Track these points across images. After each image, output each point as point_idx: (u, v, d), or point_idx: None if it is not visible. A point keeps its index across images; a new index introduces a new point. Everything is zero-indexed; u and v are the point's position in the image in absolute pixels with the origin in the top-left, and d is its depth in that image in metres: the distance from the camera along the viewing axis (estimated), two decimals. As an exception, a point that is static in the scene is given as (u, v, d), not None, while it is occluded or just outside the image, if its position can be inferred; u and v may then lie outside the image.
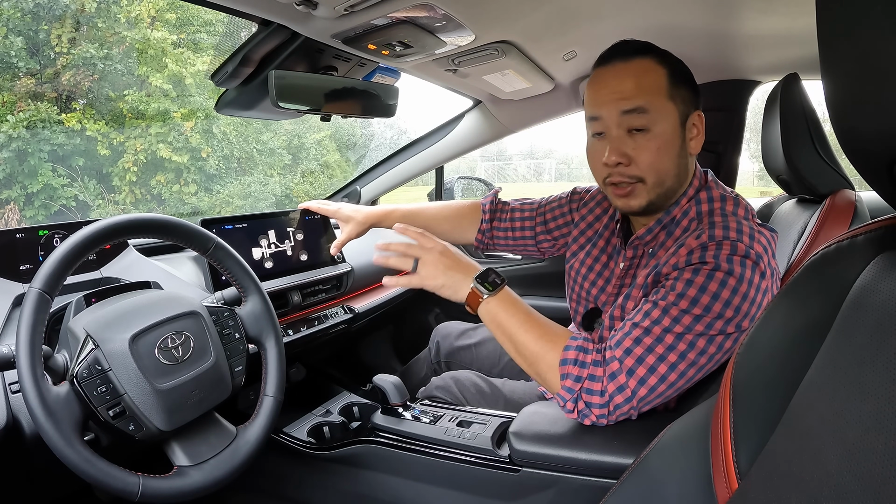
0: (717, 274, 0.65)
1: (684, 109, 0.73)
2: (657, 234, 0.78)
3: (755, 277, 0.65)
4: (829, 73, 0.29)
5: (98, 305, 0.71)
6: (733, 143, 1.38)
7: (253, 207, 8.71)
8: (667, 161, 0.72)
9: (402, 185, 1.81)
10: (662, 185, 0.73)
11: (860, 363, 0.29)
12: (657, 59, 0.72)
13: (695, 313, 0.65)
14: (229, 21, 0.93)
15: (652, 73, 0.71)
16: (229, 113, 1.11)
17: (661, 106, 0.70)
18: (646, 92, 0.70)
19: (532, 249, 1.08)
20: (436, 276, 0.77)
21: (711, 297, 0.64)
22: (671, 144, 0.72)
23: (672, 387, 0.67)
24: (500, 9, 0.87)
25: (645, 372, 0.66)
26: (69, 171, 7.64)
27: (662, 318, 0.66)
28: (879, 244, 0.34)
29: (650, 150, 0.71)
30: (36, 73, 7.68)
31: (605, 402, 0.68)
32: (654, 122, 0.70)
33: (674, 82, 0.71)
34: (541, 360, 0.72)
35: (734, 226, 0.68)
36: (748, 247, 0.66)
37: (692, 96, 0.74)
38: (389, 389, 0.97)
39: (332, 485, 0.98)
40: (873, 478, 0.25)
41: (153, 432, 0.64)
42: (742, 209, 0.73)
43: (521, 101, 1.45)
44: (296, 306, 1.11)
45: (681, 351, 0.65)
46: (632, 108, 0.70)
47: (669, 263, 0.70)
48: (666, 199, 0.76)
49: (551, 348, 0.71)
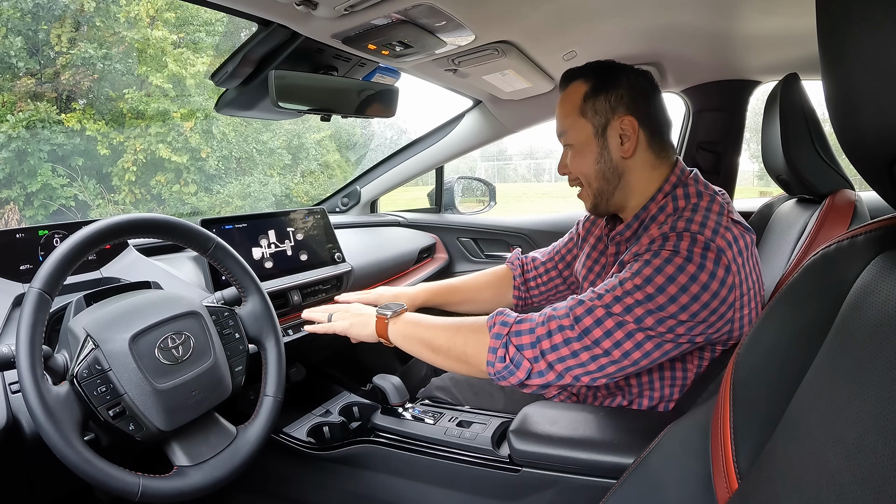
0: (676, 259, 0.67)
1: (600, 120, 0.81)
2: (636, 230, 0.83)
3: (718, 270, 0.66)
4: (829, 73, 0.29)
5: (98, 305, 0.71)
6: (733, 143, 1.38)
7: (253, 207, 8.70)
8: (586, 167, 0.83)
9: (402, 185, 1.81)
10: (591, 187, 0.84)
11: (860, 363, 0.29)
12: (583, 79, 0.83)
13: (647, 291, 0.66)
14: (229, 21, 0.93)
15: (572, 96, 0.83)
16: (229, 113, 1.11)
17: (575, 123, 0.83)
18: (563, 116, 0.84)
19: (564, 290, 1.12)
20: (344, 318, 0.90)
21: (666, 279, 0.66)
22: (588, 153, 0.83)
23: (595, 361, 0.68)
24: (500, 9, 0.87)
25: (592, 323, 0.68)
26: (69, 170, 7.64)
27: (615, 289, 0.68)
28: (879, 244, 0.34)
29: (574, 160, 0.85)
30: (35, 72, 7.68)
31: (534, 342, 0.69)
32: (572, 138, 0.84)
33: (589, 98, 0.81)
34: (457, 336, 0.77)
35: (699, 220, 0.71)
36: (709, 239, 0.68)
37: (613, 104, 0.80)
38: (389, 389, 0.97)
39: (332, 485, 0.98)
40: (873, 478, 0.25)
41: (153, 432, 0.64)
42: (717, 205, 0.75)
43: (521, 101, 1.45)
44: (296, 306, 1.11)
45: (634, 317, 0.66)
46: (560, 132, 0.86)
47: (631, 252, 0.74)
48: (605, 198, 0.84)
49: (467, 326, 0.78)
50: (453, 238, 1.81)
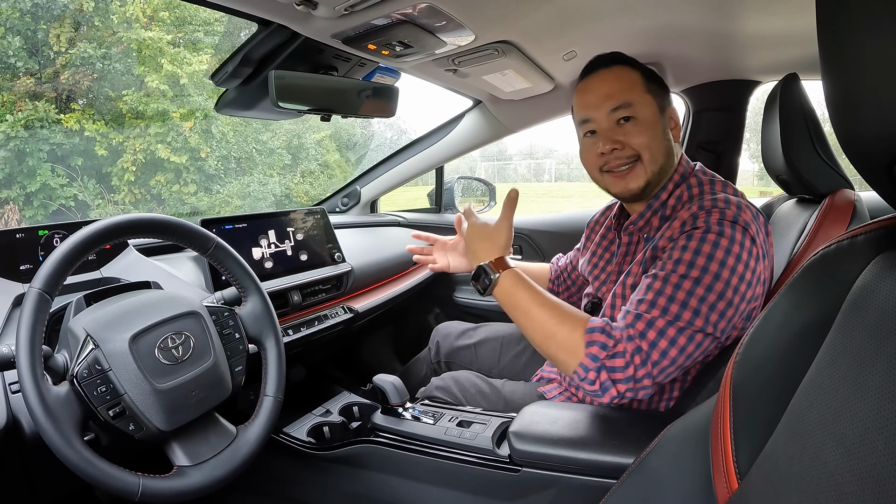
0: (709, 236, 0.71)
1: (660, 102, 0.84)
2: (649, 220, 0.86)
3: (746, 241, 0.71)
4: (829, 73, 0.29)
5: (98, 305, 0.71)
6: (733, 143, 1.38)
7: (252, 207, 8.70)
8: (655, 141, 0.82)
9: (402, 185, 1.81)
10: (656, 162, 0.82)
11: (860, 363, 0.29)
12: (630, 65, 0.84)
13: (693, 276, 0.70)
14: (228, 21, 0.93)
15: (629, 75, 0.83)
16: (229, 113, 1.11)
17: (642, 98, 0.82)
18: (627, 89, 0.82)
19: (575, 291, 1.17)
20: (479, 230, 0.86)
21: (706, 258, 0.70)
22: (656, 127, 0.82)
23: (683, 352, 0.69)
24: (500, 9, 0.87)
25: (655, 335, 0.69)
26: (68, 170, 7.63)
27: (665, 288, 0.70)
28: (879, 244, 0.34)
29: (639, 133, 0.82)
30: (35, 72, 7.68)
31: (630, 374, 0.68)
32: (638, 111, 0.82)
33: (647, 81, 0.83)
34: (561, 327, 0.73)
35: (722, 198, 0.76)
36: (735, 214, 0.73)
37: (665, 94, 0.86)
38: (389, 389, 0.97)
39: (332, 485, 0.98)
40: (873, 478, 0.25)
41: (153, 432, 0.64)
42: (731, 189, 0.82)
43: (521, 101, 1.45)
44: (296, 306, 1.11)
45: (687, 318, 0.69)
46: (619, 105, 0.82)
47: (665, 236, 0.77)
48: (659, 178, 0.84)
49: (570, 323, 0.73)
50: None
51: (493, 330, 1.24)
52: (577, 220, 1.64)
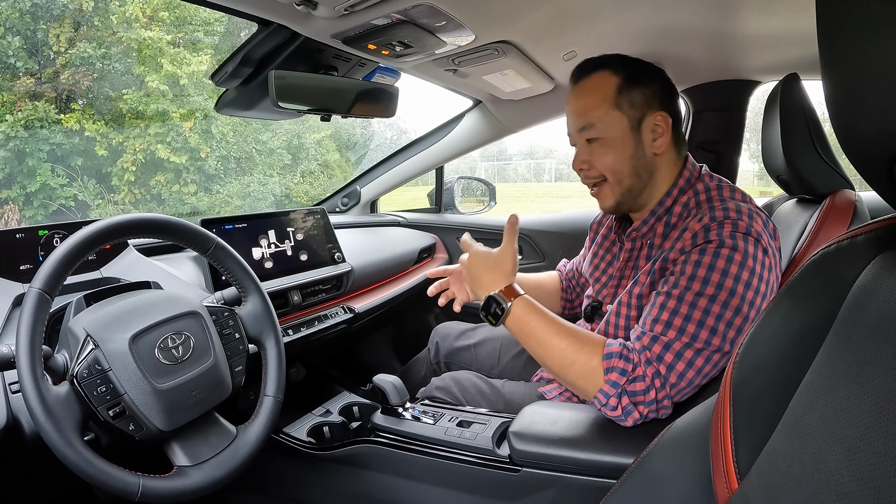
0: (723, 251, 0.69)
1: (636, 114, 0.79)
2: (653, 226, 0.84)
3: (758, 253, 0.70)
4: (829, 73, 0.29)
5: (98, 305, 0.71)
6: (733, 143, 1.38)
7: (252, 207, 8.70)
8: (619, 163, 0.80)
9: (402, 185, 1.81)
10: (622, 184, 0.81)
11: (860, 363, 0.29)
12: (611, 70, 0.80)
13: (708, 293, 0.68)
14: (228, 21, 0.93)
15: (601, 87, 0.80)
16: (229, 113, 1.11)
17: (608, 116, 0.79)
18: (594, 108, 0.80)
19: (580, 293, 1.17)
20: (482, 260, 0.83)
21: (721, 274, 0.68)
22: (622, 148, 0.80)
23: (700, 373, 0.69)
24: (500, 9, 0.87)
25: (672, 358, 0.68)
26: (68, 170, 7.63)
27: (680, 307, 0.69)
28: (879, 244, 0.34)
29: (603, 155, 0.81)
30: (34, 72, 7.68)
31: (653, 398, 0.69)
32: (603, 131, 0.80)
33: (624, 90, 0.79)
34: (578, 355, 0.72)
35: (733, 206, 0.74)
36: (748, 225, 0.71)
37: (649, 98, 0.80)
38: (389, 389, 0.97)
39: (332, 485, 0.98)
40: (873, 478, 0.25)
41: (153, 432, 0.64)
42: (739, 194, 0.79)
43: (521, 101, 1.45)
44: (296, 306, 1.11)
45: (704, 338, 0.68)
46: (583, 126, 0.81)
47: (676, 248, 0.74)
48: (633, 196, 0.83)
49: (588, 349, 0.72)
50: (453, 238, 1.81)
51: (493, 330, 1.24)
52: (577, 220, 1.64)
